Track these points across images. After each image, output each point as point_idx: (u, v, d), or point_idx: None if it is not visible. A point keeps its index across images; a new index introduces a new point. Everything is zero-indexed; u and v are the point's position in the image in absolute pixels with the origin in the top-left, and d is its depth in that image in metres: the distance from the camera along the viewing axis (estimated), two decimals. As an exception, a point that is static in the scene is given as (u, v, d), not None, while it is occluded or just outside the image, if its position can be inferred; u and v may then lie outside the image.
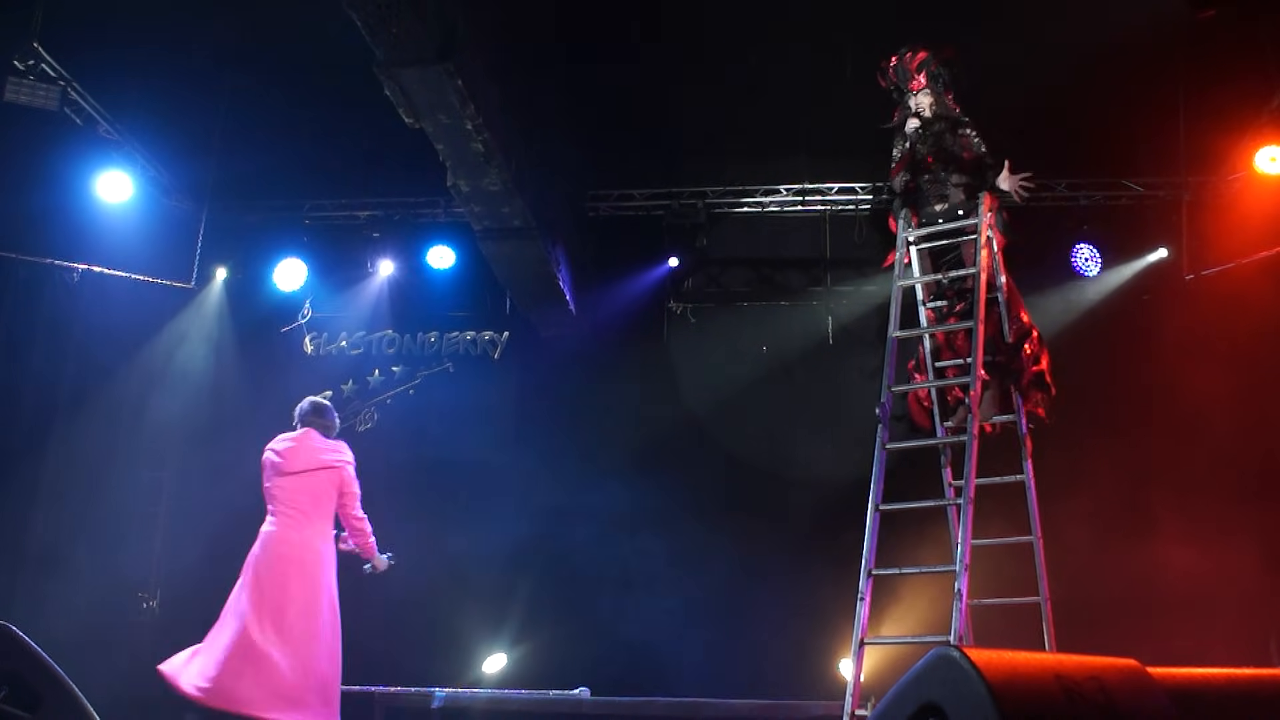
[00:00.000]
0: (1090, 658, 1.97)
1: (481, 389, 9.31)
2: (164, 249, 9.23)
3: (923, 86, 5.48)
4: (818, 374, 8.85)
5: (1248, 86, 7.63)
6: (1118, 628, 6.76)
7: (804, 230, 9.42)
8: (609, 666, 7.71)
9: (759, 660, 7.85)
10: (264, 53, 8.03)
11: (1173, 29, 7.36)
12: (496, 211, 7.20)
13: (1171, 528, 7.51)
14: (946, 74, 5.50)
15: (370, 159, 8.82)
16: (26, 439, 8.61)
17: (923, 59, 5.50)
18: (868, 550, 4.80)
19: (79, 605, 8.12)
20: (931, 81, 5.48)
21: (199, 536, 8.90)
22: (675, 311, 9.38)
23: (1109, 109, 8.02)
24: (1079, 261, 8.51)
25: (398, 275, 9.46)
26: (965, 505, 4.66)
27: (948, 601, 4.53)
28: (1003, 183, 5.22)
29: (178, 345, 9.45)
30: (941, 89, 5.48)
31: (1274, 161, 7.67)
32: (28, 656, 2.52)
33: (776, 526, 8.33)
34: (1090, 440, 7.50)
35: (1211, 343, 7.94)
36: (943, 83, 5.49)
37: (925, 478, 5.34)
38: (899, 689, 2.01)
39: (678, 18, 8.05)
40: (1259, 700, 2.09)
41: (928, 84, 5.48)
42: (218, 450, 9.23)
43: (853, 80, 5.90)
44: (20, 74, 7.30)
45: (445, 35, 5.55)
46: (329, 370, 9.59)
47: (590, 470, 8.87)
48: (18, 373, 8.73)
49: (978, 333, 4.98)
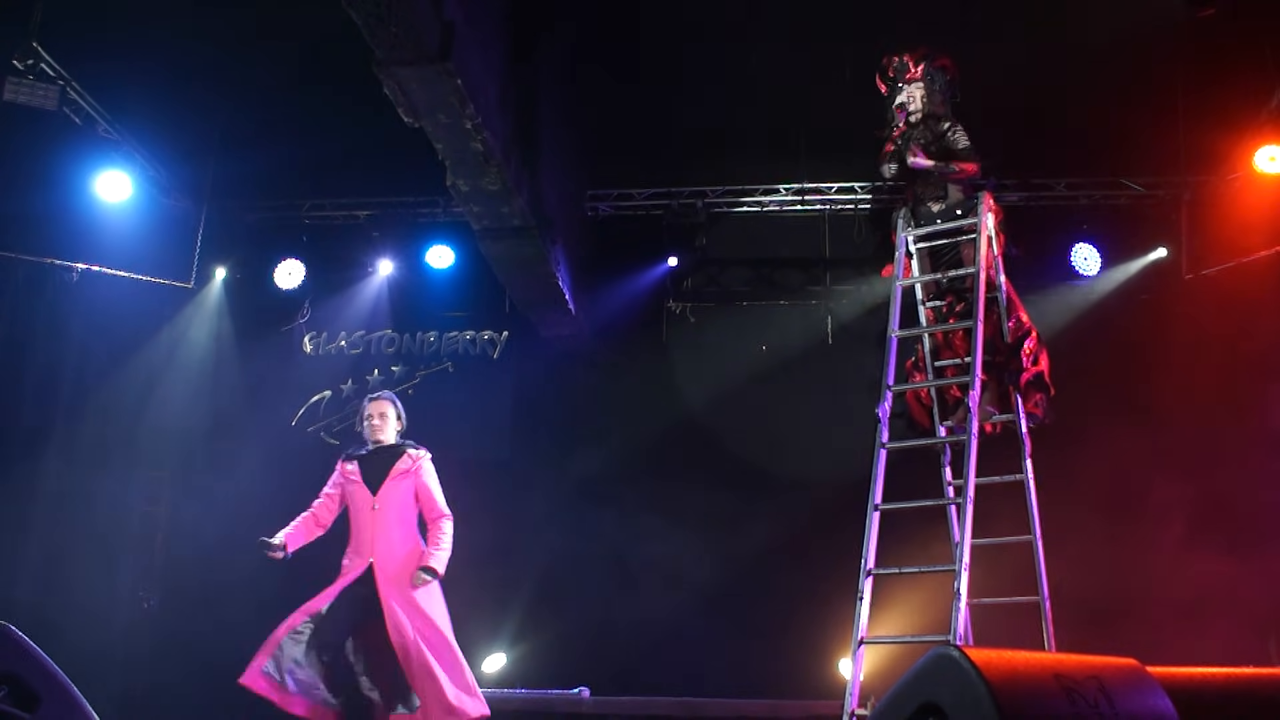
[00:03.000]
0: (1090, 657, 1.97)
1: (481, 388, 9.31)
2: (163, 248, 9.24)
3: (917, 79, 5.51)
4: (817, 373, 8.85)
5: (1247, 86, 7.63)
6: (1117, 627, 6.76)
7: (803, 230, 9.43)
8: (609, 665, 7.71)
9: (759, 659, 7.85)
10: (263, 51, 8.02)
11: (1172, 28, 7.37)
12: (496, 211, 7.19)
13: (1171, 527, 7.51)
14: (942, 78, 5.51)
15: (369, 158, 8.81)
16: (26, 438, 8.61)
17: (923, 53, 5.53)
18: (867, 549, 4.80)
19: (79, 605, 8.13)
20: (926, 77, 5.50)
21: (199, 536, 8.91)
22: (675, 311, 9.38)
23: (1108, 108, 8.02)
24: (1078, 261, 8.51)
25: (397, 275, 9.46)
26: (965, 504, 4.66)
27: (947, 601, 4.52)
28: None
29: (177, 345, 9.45)
30: (936, 89, 5.49)
31: (1273, 161, 7.67)
32: (27, 657, 2.51)
33: (776, 525, 8.33)
34: (1090, 439, 7.49)
35: (1211, 342, 7.94)
36: (938, 84, 5.50)
37: (925, 477, 5.33)
38: (899, 688, 2.01)
39: (678, 16, 8.05)
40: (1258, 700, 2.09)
41: (922, 78, 5.50)
42: (217, 449, 9.24)
43: (852, 80, 5.90)
44: (20, 73, 7.30)
45: (444, 34, 5.54)
46: (328, 370, 9.60)
47: (590, 469, 8.88)
48: (17, 372, 8.73)
49: (977, 332, 4.98)
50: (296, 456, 9.20)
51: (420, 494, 5.27)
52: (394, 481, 5.23)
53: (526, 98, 7.30)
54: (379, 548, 5.10)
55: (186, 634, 8.54)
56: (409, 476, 5.26)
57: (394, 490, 5.22)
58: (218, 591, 8.48)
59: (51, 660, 2.58)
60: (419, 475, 5.28)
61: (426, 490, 5.27)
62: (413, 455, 5.32)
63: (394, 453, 5.33)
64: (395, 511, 5.19)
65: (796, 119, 8.59)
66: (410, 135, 6.29)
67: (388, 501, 5.19)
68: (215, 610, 8.45)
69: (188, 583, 8.77)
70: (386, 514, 5.17)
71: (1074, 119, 8.20)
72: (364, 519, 5.20)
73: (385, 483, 5.22)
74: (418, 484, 5.27)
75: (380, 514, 5.16)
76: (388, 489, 5.21)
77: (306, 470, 9.01)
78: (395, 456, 5.31)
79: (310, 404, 9.53)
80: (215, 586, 8.53)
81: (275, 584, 8.40)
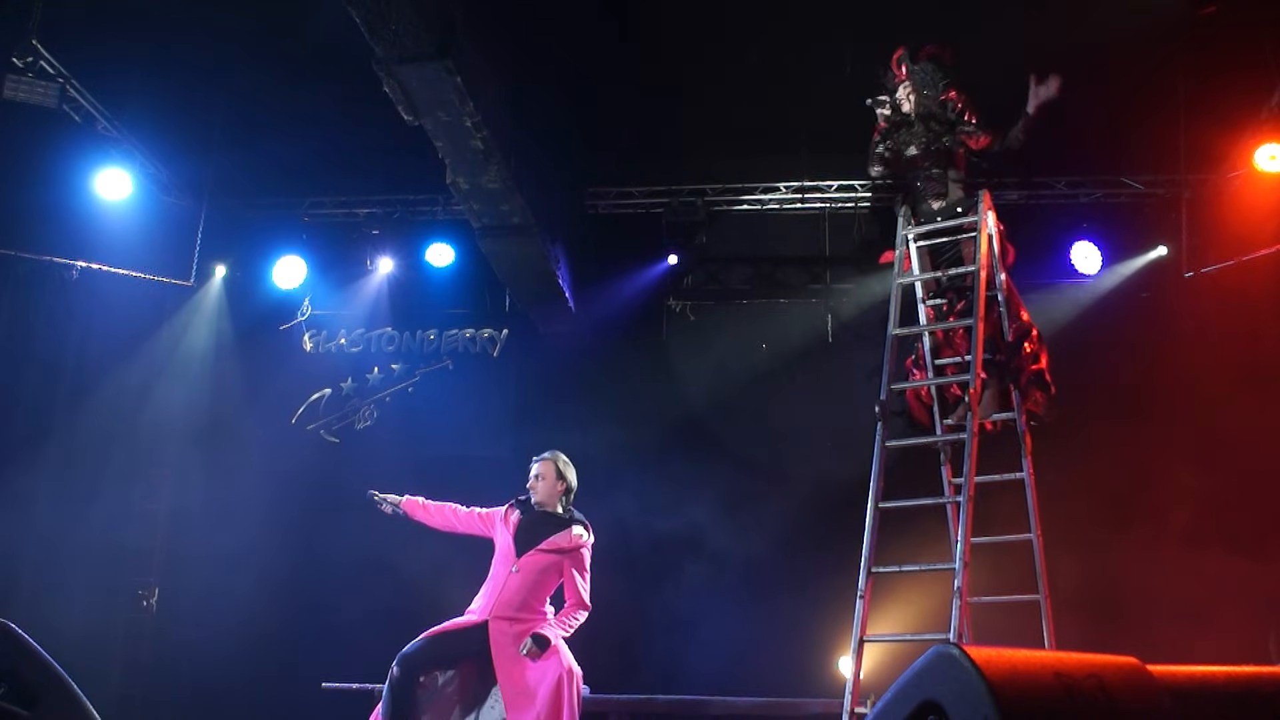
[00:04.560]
0: (1090, 655, 1.97)
1: (481, 386, 9.31)
2: (163, 246, 9.24)
3: (903, 80, 5.51)
4: (817, 372, 8.85)
5: (1248, 84, 7.62)
6: (1117, 625, 6.76)
7: (803, 228, 9.42)
8: (608, 663, 7.70)
9: (758, 658, 7.85)
10: (263, 49, 8.02)
11: (1172, 26, 7.36)
12: (496, 209, 7.19)
13: (1171, 525, 7.51)
14: (934, 70, 5.49)
15: (369, 156, 8.82)
16: (26, 437, 8.61)
17: (900, 55, 5.53)
18: (867, 548, 4.81)
19: (79, 603, 8.13)
20: (912, 77, 5.49)
21: (199, 534, 8.91)
22: (674, 309, 9.38)
23: (1109, 106, 8.02)
24: (1078, 259, 8.51)
25: (397, 273, 9.46)
26: (964, 503, 4.66)
27: (947, 599, 4.53)
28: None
29: (177, 343, 9.45)
30: (929, 82, 5.48)
31: (1274, 159, 7.66)
32: (27, 654, 2.51)
33: (776, 524, 8.33)
34: (1090, 438, 7.49)
35: (1211, 341, 7.94)
36: (930, 77, 5.48)
37: (925, 475, 5.34)
38: (898, 687, 2.01)
39: (678, 14, 8.04)
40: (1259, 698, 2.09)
41: (907, 78, 5.50)
42: (217, 448, 9.24)
43: (852, 77, 5.90)
44: (19, 71, 7.30)
45: (444, 32, 5.54)
46: (328, 368, 9.60)
47: (589, 468, 8.82)
48: (16, 370, 8.73)
49: (977, 330, 4.98)
50: (296, 454, 9.21)
51: (567, 579, 4.99)
52: (543, 554, 4.94)
53: (527, 95, 7.29)
54: (499, 610, 4.85)
55: (186, 633, 8.55)
56: (562, 555, 4.98)
57: (539, 562, 4.93)
58: (218, 590, 8.49)
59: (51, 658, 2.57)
60: (576, 560, 5.00)
61: (574, 580, 4.98)
62: (574, 536, 5.01)
63: (558, 523, 5.05)
64: (531, 583, 4.91)
65: (797, 117, 8.58)
66: (410, 133, 6.29)
67: (529, 569, 4.91)
68: (215, 609, 8.46)
69: (187, 581, 8.77)
70: (523, 581, 4.90)
71: (1073, 117, 8.18)
72: (499, 575, 4.96)
73: (534, 550, 4.94)
74: (570, 568, 4.99)
75: (516, 579, 4.90)
76: (534, 558, 4.93)
77: (306, 468, 9.06)
78: (558, 528, 5.02)
79: (310, 402, 9.53)
80: (215, 585, 8.53)
81: (276, 583, 8.44)
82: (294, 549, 8.62)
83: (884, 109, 5.54)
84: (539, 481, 5.17)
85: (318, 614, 8.41)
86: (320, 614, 8.39)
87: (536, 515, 5.09)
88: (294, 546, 8.63)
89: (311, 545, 8.64)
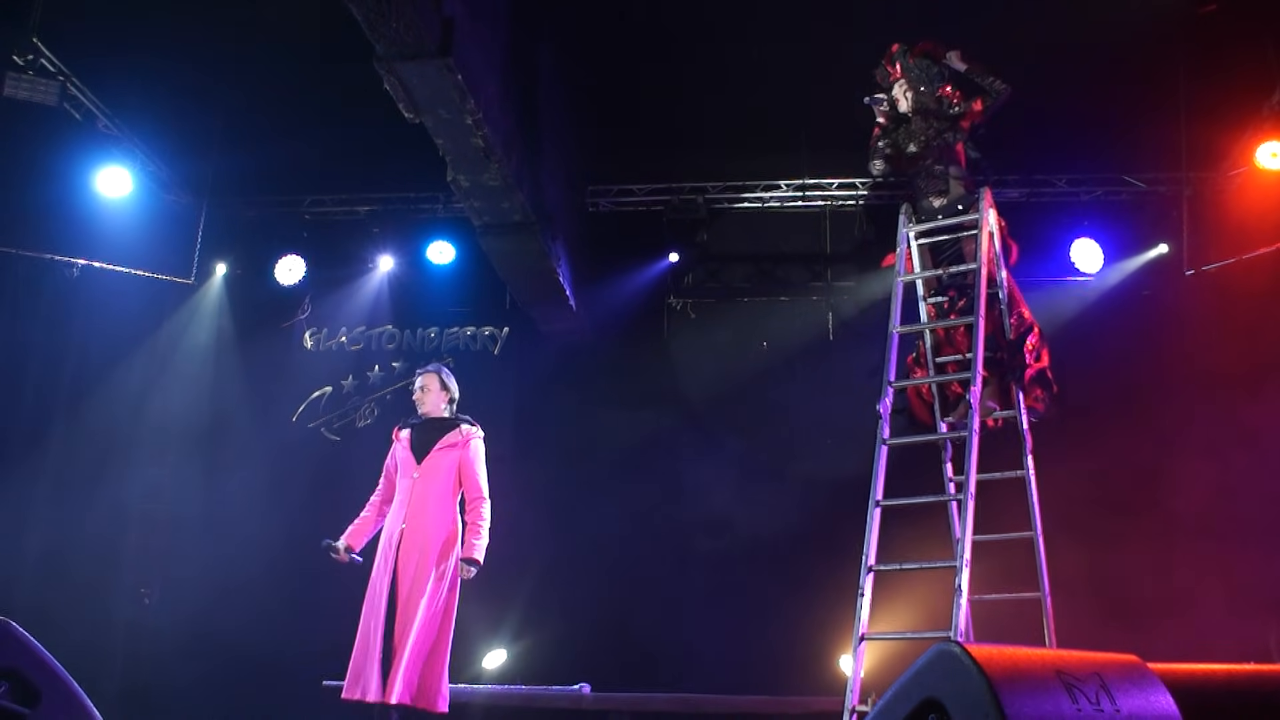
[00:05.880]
0: (1091, 653, 1.97)
1: (481, 385, 9.25)
2: (163, 244, 9.24)
3: (898, 78, 5.52)
4: (818, 370, 8.85)
5: (1249, 81, 7.62)
6: (1119, 623, 6.76)
7: (804, 226, 9.42)
8: (609, 662, 7.71)
9: (759, 656, 7.85)
10: (263, 47, 8.01)
11: (1174, 24, 7.35)
12: (496, 207, 7.18)
13: (1172, 523, 7.51)
14: (928, 66, 5.49)
15: (370, 154, 8.81)
16: (26, 435, 8.61)
17: (893, 52, 5.54)
18: (868, 546, 4.80)
19: (79, 602, 8.13)
20: (907, 74, 5.50)
21: (199, 532, 8.91)
22: (675, 307, 9.38)
23: (1109, 104, 8.01)
24: (1079, 257, 8.51)
25: (397, 271, 9.46)
26: (966, 500, 4.66)
27: (949, 597, 4.52)
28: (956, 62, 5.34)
29: (177, 341, 9.46)
30: (925, 78, 5.48)
31: (1275, 157, 7.65)
32: (28, 652, 2.51)
33: (777, 522, 8.32)
34: (1091, 436, 7.49)
35: (1212, 338, 7.94)
36: (925, 73, 5.49)
37: (926, 473, 5.33)
38: (900, 685, 2.01)
39: (678, 12, 8.04)
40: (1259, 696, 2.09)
41: (902, 76, 5.51)
42: (218, 445, 9.24)
43: (853, 75, 5.89)
44: (20, 69, 7.30)
45: (445, 29, 5.53)
46: (329, 366, 9.60)
47: (589, 466, 8.88)
48: (17, 368, 8.74)
49: (978, 328, 4.97)
50: (297, 452, 9.21)
51: (463, 470, 5.25)
52: (440, 453, 5.22)
53: (527, 93, 7.29)
54: (411, 516, 5.09)
55: (187, 630, 8.55)
56: (455, 450, 5.25)
57: (438, 461, 5.21)
58: (218, 588, 8.49)
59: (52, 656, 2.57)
60: (465, 450, 5.26)
61: (470, 467, 5.26)
62: (464, 430, 5.31)
63: (446, 425, 5.34)
64: (436, 483, 5.17)
65: (798, 114, 8.58)
66: (411, 131, 6.28)
67: (430, 472, 5.18)
68: (215, 607, 8.46)
69: (188, 579, 8.77)
70: (426, 484, 5.16)
71: (1074, 115, 8.19)
72: (404, 487, 5.19)
73: (431, 453, 5.22)
74: (463, 459, 5.25)
75: (420, 483, 5.16)
76: (433, 459, 5.21)
77: (307, 466, 9.06)
78: (446, 429, 5.31)
79: (311, 400, 9.53)
80: (215, 583, 8.54)
81: (276, 580, 8.44)
82: (295, 547, 8.60)
83: (881, 106, 5.55)
84: (424, 394, 5.43)
85: (318, 612, 8.40)
86: (321, 612, 8.38)
87: (426, 423, 5.38)
88: (295, 544, 8.61)
89: (312, 543, 8.62)
